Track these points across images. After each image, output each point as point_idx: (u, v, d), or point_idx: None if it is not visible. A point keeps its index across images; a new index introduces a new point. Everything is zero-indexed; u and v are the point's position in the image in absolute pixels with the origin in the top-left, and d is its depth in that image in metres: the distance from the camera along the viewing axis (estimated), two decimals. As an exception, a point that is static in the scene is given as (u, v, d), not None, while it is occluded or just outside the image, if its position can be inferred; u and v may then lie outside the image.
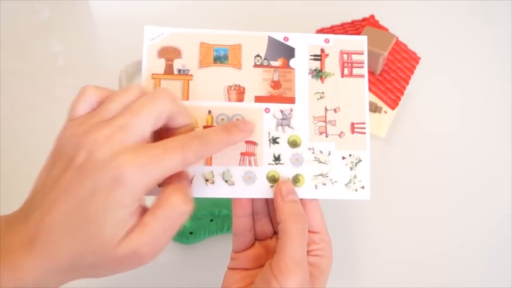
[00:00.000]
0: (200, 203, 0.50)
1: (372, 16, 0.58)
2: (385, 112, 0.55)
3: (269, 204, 0.39)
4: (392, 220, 0.53)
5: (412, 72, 0.56)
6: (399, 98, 0.54)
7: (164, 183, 0.31)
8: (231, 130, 0.33)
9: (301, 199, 0.36)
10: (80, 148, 0.28)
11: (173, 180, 0.31)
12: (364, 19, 0.58)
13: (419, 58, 0.58)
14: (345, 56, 0.39)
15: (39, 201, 0.29)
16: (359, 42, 0.39)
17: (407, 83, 0.55)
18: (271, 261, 0.34)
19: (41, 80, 0.64)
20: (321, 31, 0.61)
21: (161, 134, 0.32)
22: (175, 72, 0.37)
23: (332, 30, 0.60)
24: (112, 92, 0.32)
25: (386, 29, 0.56)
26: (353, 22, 0.59)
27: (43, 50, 0.67)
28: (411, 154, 0.58)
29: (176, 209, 0.30)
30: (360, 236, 0.51)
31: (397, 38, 0.54)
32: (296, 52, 0.39)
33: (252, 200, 0.38)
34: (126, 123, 0.29)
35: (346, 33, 0.58)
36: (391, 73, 0.55)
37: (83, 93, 0.32)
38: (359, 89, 0.38)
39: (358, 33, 0.54)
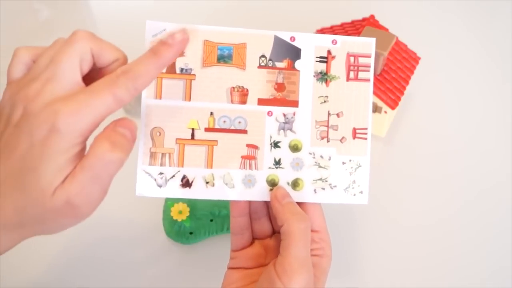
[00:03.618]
0: (200, 203, 0.50)
1: (372, 16, 0.58)
2: (385, 112, 0.55)
3: (268, 204, 0.39)
4: (391, 219, 0.53)
5: (412, 72, 0.57)
6: (399, 98, 0.54)
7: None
8: (159, 52, 0.31)
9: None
10: (15, 106, 0.29)
11: (106, 129, 0.31)
12: (364, 19, 0.58)
13: (419, 58, 0.58)
14: (351, 58, 0.38)
15: None
16: (367, 45, 0.38)
17: (407, 83, 0.56)
18: (275, 261, 0.34)
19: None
20: (321, 31, 0.61)
21: (96, 77, 0.32)
22: (177, 71, 0.36)
23: (332, 30, 0.60)
24: (44, 48, 0.32)
25: (386, 29, 0.56)
26: (353, 22, 0.59)
27: (43, 50, 0.67)
28: (411, 154, 0.58)
29: (100, 158, 0.29)
30: (358, 234, 0.52)
31: (397, 38, 0.54)
32: (302, 53, 0.37)
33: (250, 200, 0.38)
34: (52, 73, 0.30)
35: (346, 33, 0.58)
36: (391, 73, 0.55)
37: (15, 55, 0.32)
38: (363, 94, 0.38)
39: (358, 33, 0.54)
